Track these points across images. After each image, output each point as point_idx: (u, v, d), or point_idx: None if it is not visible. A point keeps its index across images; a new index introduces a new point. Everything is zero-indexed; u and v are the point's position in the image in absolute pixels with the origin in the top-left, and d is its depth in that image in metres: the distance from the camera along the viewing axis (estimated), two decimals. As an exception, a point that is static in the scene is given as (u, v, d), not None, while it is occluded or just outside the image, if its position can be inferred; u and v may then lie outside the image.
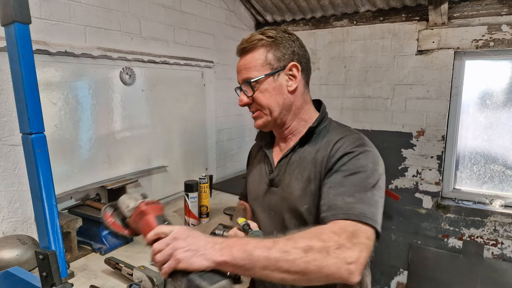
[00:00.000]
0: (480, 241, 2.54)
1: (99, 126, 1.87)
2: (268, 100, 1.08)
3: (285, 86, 1.08)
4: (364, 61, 2.79)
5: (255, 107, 1.11)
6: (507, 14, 2.26)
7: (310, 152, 1.07)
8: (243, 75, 1.08)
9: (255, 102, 1.10)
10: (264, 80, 1.06)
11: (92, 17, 1.78)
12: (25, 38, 0.73)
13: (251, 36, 1.08)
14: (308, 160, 1.05)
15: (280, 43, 1.07)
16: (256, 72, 1.06)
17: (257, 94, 1.08)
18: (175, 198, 2.39)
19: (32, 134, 0.75)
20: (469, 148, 2.65)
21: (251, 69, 1.06)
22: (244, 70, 1.08)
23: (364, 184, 0.91)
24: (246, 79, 1.07)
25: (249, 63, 1.07)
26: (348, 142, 1.00)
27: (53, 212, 0.78)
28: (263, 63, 1.06)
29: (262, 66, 1.06)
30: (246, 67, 1.07)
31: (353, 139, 1.00)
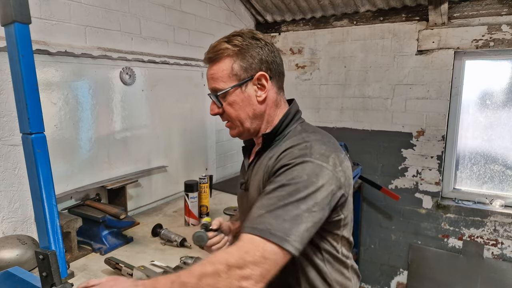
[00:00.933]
0: (480, 241, 2.54)
1: (99, 126, 1.87)
2: (237, 112, 1.04)
3: (254, 97, 1.03)
4: (364, 61, 2.79)
5: (226, 118, 1.08)
6: (507, 14, 2.26)
7: (265, 158, 1.05)
8: (211, 85, 1.05)
9: (226, 114, 1.06)
10: (232, 92, 1.02)
11: (92, 17, 1.78)
12: (25, 38, 0.73)
13: (217, 45, 1.04)
14: (262, 166, 1.03)
15: (246, 52, 1.01)
16: (222, 83, 1.02)
17: (226, 106, 1.04)
18: (175, 198, 2.39)
19: (32, 134, 0.75)
20: (469, 148, 2.65)
21: (218, 80, 1.02)
22: (211, 80, 1.04)
23: (289, 197, 0.85)
24: (213, 89, 1.04)
25: (215, 73, 1.03)
26: (292, 152, 0.93)
27: (53, 212, 0.78)
28: (229, 74, 1.01)
29: (228, 77, 1.02)
30: (213, 77, 1.03)
31: (299, 148, 0.93)
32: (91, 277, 1.40)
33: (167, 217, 2.06)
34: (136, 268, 1.31)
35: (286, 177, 0.88)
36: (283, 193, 0.86)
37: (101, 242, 1.62)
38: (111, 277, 0.92)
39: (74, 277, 1.39)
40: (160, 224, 1.80)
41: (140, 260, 1.52)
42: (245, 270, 0.78)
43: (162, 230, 1.76)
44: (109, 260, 1.42)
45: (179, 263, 1.47)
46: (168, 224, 1.90)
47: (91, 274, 1.42)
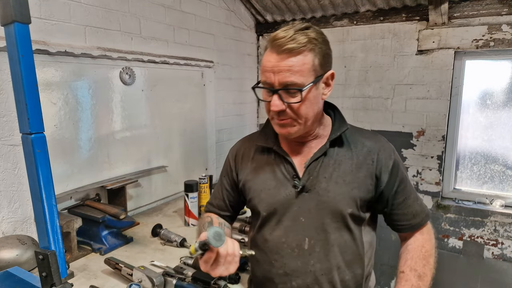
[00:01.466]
0: (480, 241, 2.54)
1: (99, 126, 1.87)
2: (307, 110, 0.99)
3: (320, 94, 1.02)
4: (364, 61, 2.79)
5: (288, 115, 0.99)
6: (507, 14, 2.26)
7: (345, 156, 1.07)
8: (286, 78, 0.94)
9: (292, 110, 0.98)
10: (310, 89, 0.97)
11: (92, 17, 1.78)
12: (25, 38, 0.73)
13: (295, 36, 0.94)
14: (348, 164, 1.06)
15: (324, 48, 0.99)
16: (302, 78, 0.95)
17: (301, 104, 0.98)
18: (175, 198, 2.39)
19: (32, 134, 0.75)
20: (469, 148, 2.65)
21: (296, 73, 0.94)
22: (288, 72, 0.94)
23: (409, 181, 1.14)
24: (290, 84, 0.95)
25: (294, 66, 0.94)
26: (385, 149, 1.10)
27: (53, 212, 0.78)
28: (310, 68, 0.96)
29: (308, 72, 0.96)
30: (292, 70, 0.94)
31: (386, 145, 1.12)
32: (91, 277, 1.40)
33: (167, 217, 2.06)
34: (136, 268, 1.31)
35: (402, 172, 1.11)
36: (409, 183, 1.13)
37: (101, 242, 1.62)
38: None
39: (74, 277, 1.39)
40: (160, 224, 1.80)
41: (140, 260, 1.52)
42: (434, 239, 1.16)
43: (162, 230, 1.75)
44: (109, 260, 1.42)
45: (179, 263, 1.47)
46: (168, 224, 1.90)
47: (91, 274, 1.42)
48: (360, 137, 1.11)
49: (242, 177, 1.17)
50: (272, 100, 0.97)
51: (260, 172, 1.12)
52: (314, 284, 1.07)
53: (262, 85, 1.00)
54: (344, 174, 1.05)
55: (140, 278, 1.28)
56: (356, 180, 1.05)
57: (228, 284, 1.32)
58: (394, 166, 1.08)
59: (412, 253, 1.12)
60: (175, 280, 1.28)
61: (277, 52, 0.95)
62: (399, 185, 1.09)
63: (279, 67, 0.95)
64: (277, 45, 0.95)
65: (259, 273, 1.17)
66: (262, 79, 1.00)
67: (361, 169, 1.06)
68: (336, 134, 1.07)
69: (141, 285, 1.25)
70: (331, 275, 1.06)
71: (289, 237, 1.07)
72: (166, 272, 1.34)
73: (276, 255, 1.09)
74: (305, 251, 1.06)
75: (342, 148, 1.08)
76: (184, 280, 1.31)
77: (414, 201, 1.12)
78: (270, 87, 0.98)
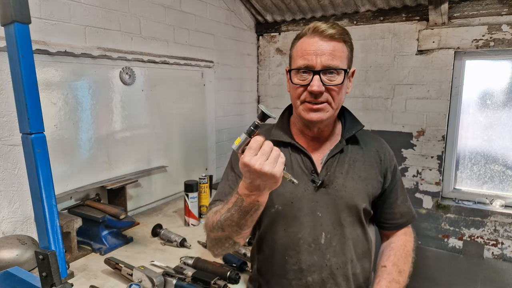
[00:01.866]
0: (480, 241, 2.54)
1: (99, 126, 1.87)
2: (340, 96, 1.05)
3: (346, 87, 1.08)
4: (364, 61, 2.79)
5: (325, 98, 1.03)
6: (507, 14, 2.26)
7: (358, 154, 1.14)
8: (329, 61, 1.00)
9: (329, 94, 1.03)
10: (345, 75, 1.04)
11: (92, 17, 1.78)
12: (25, 38, 0.73)
13: (334, 25, 1.03)
14: (361, 162, 1.13)
15: (352, 45, 1.09)
16: (341, 64, 1.02)
17: (340, 87, 1.03)
18: (175, 198, 2.39)
19: (32, 134, 0.75)
20: (469, 148, 2.65)
21: (338, 59, 1.01)
22: (330, 55, 1.00)
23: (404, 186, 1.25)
24: (333, 66, 1.00)
25: (336, 51, 1.01)
26: (389, 150, 1.21)
27: (53, 212, 0.78)
28: (346, 57, 1.04)
29: (345, 60, 1.04)
30: (334, 54, 1.00)
31: (388, 147, 1.23)
32: (91, 277, 1.40)
33: (167, 217, 2.06)
34: (136, 268, 1.31)
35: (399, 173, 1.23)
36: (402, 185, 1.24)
37: (101, 242, 1.62)
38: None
39: (74, 277, 1.39)
40: (160, 224, 1.80)
41: (140, 260, 1.52)
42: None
43: (162, 230, 1.75)
44: (109, 260, 1.42)
45: (179, 263, 1.47)
46: (168, 224, 1.90)
47: (91, 274, 1.42)
48: (367, 137, 1.20)
49: None
50: (313, 80, 1.00)
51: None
52: (329, 279, 1.09)
53: (300, 68, 1.03)
54: (359, 170, 1.12)
55: (140, 278, 1.28)
56: (370, 177, 1.12)
57: (228, 284, 1.32)
58: (396, 167, 1.19)
59: (395, 251, 1.18)
60: (175, 280, 1.28)
61: (320, 37, 1.01)
62: (395, 185, 1.19)
63: (322, 50, 1.00)
64: (320, 31, 1.01)
65: (268, 270, 1.15)
66: (301, 62, 1.02)
67: (372, 167, 1.14)
68: (351, 132, 1.13)
69: (141, 285, 1.25)
70: (346, 268, 1.10)
71: (306, 232, 1.09)
72: (166, 272, 1.34)
73: (291, 251, 1.09)
74: (322, 246, 1.08)
75: (356, 146, 1.15)
76: (184, 280, 1.31)
77: (404, 202, 1.21)
78: (311, 68, 1.01)
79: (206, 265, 1.41)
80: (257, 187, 0.86)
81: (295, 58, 1.05)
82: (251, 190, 0.87)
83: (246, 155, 0.83)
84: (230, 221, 0.95)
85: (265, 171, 0.81)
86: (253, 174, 0.83)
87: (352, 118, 1.19)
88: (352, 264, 1.11)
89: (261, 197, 0.89)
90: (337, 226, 1.09)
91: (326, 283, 1.09)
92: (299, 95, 1.05)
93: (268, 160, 0.82)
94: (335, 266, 1.09)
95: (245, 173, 0.85)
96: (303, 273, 1.09)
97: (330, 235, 1.08)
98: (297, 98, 1.06)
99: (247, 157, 0.82)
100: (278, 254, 1.11)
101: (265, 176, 0.82)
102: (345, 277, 1.09)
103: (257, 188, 0.86)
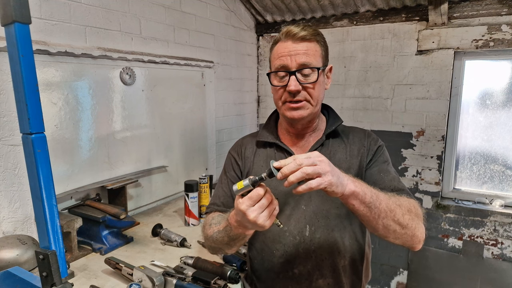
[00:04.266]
0: (480, 241, 2.54)
1: (99, 126, 1.87)
2: (318, 92, 1.10)
3: (323, 84, 1.14)
4: (364, 61, 2.79)
5: (303, 96, 1.08)
6: (507, 14, 2.26)
7: (339, 147, 1.17)
8: (303, 60, 1.05)
9: (306, 92, 1.08)
10: (321, 72, 1.09)
11: (92, 17, 1.78)
12: (25, 38, 0.73)
13: (305, 27, 1.08)
14: (342, 153, 1.16)
15: (325, 43, 1.13)
16: (315, 62, 1.07)
17: (315, 84, 1.08)
18: (175, 198, 2.39)
19: (32, 134, 0.75)
20: (469, 148, 2.65)
21: (312, 57, 1.07)
22: (304, 55, 1.06)
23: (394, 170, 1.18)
24: (307, 63, 1.06)
25: (309, 50, 1.07)
26: (373, 137, 1.20)
27: (53, 212, 0.78)
28: (320, 55, 1.09)
29: (319, 58, 1.09)
30: (307, 53, 1.06)
31: (373, 135, 1.21)
32: (91, 277, 1.40)
33: (167, 217, 2.06)
34: (136, 268, 1.31)
35: (386, 155, 1.18)
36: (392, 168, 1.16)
37: (101, 242, 1.62)
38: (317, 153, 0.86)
39: (74, 277, 1.39)
40: (160, 224, 1.80)
41: (140, 260, 1.52)
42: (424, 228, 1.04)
43: (162, 230, 1.76)
44: (109, 260, 1.42)
45: (179, 263, 1.47)
46: (168, 224, 1.90)
47: (91, 274, 1.42)
48: (350, 131, 1.23)
49: (246, 170, 1.24)
50: (290, 80, 1.06)
51: (263, 165, 1.21)
52: (315, 270, 1.12)
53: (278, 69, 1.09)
54: (339, 162, 1.14)
55: (141, 278, 1.28)
56: (352, 166, 1.14)
57: (228, 284, 1.32)
58: (378, 149, 1.17)
59: (397, 196, 1.04)
60: (175, 280, 1.29)
61: (292, 39, 1.07)
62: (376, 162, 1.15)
63: (296, 50, 1.06)
64: (292, 34, 1.07)
65: (259, 265, 1.20)
66: (277, 64, 1.09)
67: (354, 156, 1.16)
68: (332, 127, 1.18)
69: (141, 285, 1.25)
70: (332, 260, 1.12)
71: (291, 225, 1.13)
72: (166, 272, 1.34)
73: (278, 244, 1.14)
74: (306, 238, 1.12)
75: (336, 139, 1.19)
76: (184, 280, 1.31)
77: (394, 179, 1.12)
78: (287, 69, 1.07)
79: (206, 265, 1.41)
80: (245, 226, 0.91)
81: (272, 61, 1.13)
82: (239, 225, 0.92)
83: (244, 203, 0.85)
84: (221, 241, 1.06)
85: (258, 223, 0.85)
86: (245, 220, 0.87)
87: (334, 115, 1.24)
88: (339, 256, 1.12)
89: (248, 232, 0.95)
90: (321, 218, 1.12)
91: (312, 275, 1.12)
92: (280, 96, 1.11)
93: (263, 213, 0.85)
94: (320, 258, 1.11)
95: (238, 215, 0.89)
96: (289, 265, 1.13)
97: (314, 227, 1.12)
98: (278, 99, 1.13)
99: (244, 205, 0.85)
100: (267, 247, 1.17)
101: (256, 225, 0.86)
102: (332, 269, 1.12)
103: (245, 226, 0.91)
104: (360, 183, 0.91)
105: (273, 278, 1.17)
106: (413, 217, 0.99)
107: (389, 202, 0.94)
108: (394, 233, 0.96)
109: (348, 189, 0.87)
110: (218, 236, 1.07)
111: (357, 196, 0.89)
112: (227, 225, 1.01)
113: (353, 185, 0.88)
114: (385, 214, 0.93)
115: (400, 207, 0.96)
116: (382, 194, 0.95)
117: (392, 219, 0.94)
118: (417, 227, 0.99)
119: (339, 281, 1.13)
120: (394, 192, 1.05)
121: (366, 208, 0.91)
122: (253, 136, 1.30)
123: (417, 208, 1.04)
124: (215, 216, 1.17)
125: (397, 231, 0.96)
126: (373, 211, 0.91)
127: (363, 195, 0.89)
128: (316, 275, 1.12)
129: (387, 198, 0.95)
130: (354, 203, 0.90)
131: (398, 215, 0.95)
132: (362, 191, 0.89)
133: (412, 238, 0.99)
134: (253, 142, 1.27)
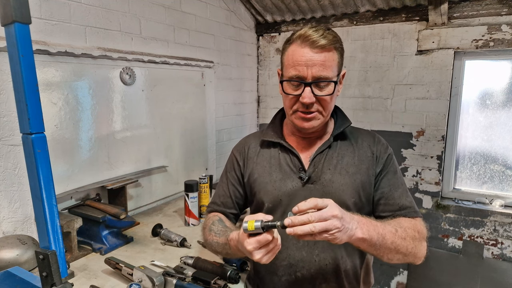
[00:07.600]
0: (480, 241, 2.54)
1: (99, 126, 1.88)
2: (331, 104, 1.08)
3: (337, 92, 1.10)
4: (364, 61, 2.79)
5: (316, 108, 1.06)
6: (507, 14, 2.26)
7: (348, 150, 1.14)
8: (320, 72, 1.01)
9: (320, 104, 1.05)
10: (336, 84, 1.06)
11: (92, 17, 1.78)
12: (25, 38, 0.73)
13: (325, 34, 1.01)
14: (350, 157, 1.13)
15: (342, 49, 1.09)
16: (332, 73, 1.03)
17: (325, 96, 1.04)
18: (175, 198, 2.40)
19: (32, 134, 0.75)
20: (469, 148, 2.65)
21: (329, 69, 1.02)
22: (321, 66, 1.01)
23: (403, 179, 1.15)
24: (324, 77, 1.02)
25: (327, 61, 1.02)
26: (382, 143, 1.16)
27: (53, 212, 0.78)
28: (336, 65, 1.06)
29: (335, 68, 1.05)
30: (324, 64, 1.01)
31: (383, 140, 1.18)
32: (91, 277, 1.40)
33: (167, 217, 2.06)
34: (136, 268, 1.31)
35: (395, 165, 1.15)
36: (401, 178, 1.14)
37: (101, 242, 1.62)
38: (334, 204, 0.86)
39: (74, 277, 1.39)
40: (160, 224, 1.80)
41: (140, 260, 1.52)
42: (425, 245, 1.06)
43: (162, 230, 1.76)
44: (109, 260, 1.42)
45: (179, 263, 1.47)
46: (168, 224, 1.90)
47: (91, 274, 1.42)
48: (359, 134, 1.19)
49: (248, 170, 1.21)
50: (305, 92, 1.02)
51: (266, 166, 1.17)
52: (318, 274, 1.10)
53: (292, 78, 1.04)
54: (347, 165, 1.11)
55: (141, 277, 1.28)
56: (359, 172, 1.11)
57: (228, 284, 1.32)
58: (388, 158, 1.14)
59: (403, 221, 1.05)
60: (175, 280, 1.29)
61: (310, 47, 1.01)
62: (386, 174, 1.13)
63: (313, 61, 1.01)
64: (310, 41, 1.00)
65: (262, 268, 1.19)
66: (292, 72, 1.04)
67: (363, 162, 1.13)
68: (340, 129, 1.14)
69: (141, 285, 1.25)
70: (335, 264, 1.10)
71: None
72: (166, 272, 1.34)
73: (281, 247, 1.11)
74: (310, 242, 1.10)
75: (345, 142, 1.15)
76: (184, 280, 1.31)
77: (402, 195, 1.11)
78: (302, 80, 1.02)
79: (206, 265, 1.41)
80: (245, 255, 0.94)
81: (287, 67, 1.07)
82: (239, 251, 0.97)
83: (251, 244, 0.87)
84: (220, 251, 1.11)
85: (261, 262, 0.89)
86: (247, 253, 0.90)
87: (343, 116, 1.20)
88: (342, 260, 1.11)
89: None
90: None
91: (316, 279, 1.11)
92: (291, 105, 1.08)
93: (267, 255, 0.88)
94: (324, 262, 1.10)
95: (242, 249, 0.91)
96: (292, 268, 1.12)
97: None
98: (289, 107, 1.09)
99: (251, 246, 0.87)
100: None
101: (258, 260, 0.89)
102: (335, 273, 1.11)
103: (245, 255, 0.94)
104: (367, 225, 0.92)
105: (276, 281, 1.15)
106: (416, 244, 1.02)
107: (395, 238, 0.96)
108: (397, 260, 1.01)
109: (355, 237, 0.89)
110: (217, 247, 1.10)
111: (364, 241, 0.91)
112: (226, 243, 1.03)
113: (360, 232, 0.89)
114: (389, 250, 0.96)
115: (405, 240, 0.98)
116: (388, 229, 0.96)
117: (396, 251, 0.97)
118: (419, 249, 1.03)
119: (342, 286, 1.12)
120: (401, 211, 1.08)
121: (372, 248, 0.94)
122: (258, 135, 1.27)
123: (422, 229, 1.06)
124: (215, 221, 1.17)
125: (400, 258, 1.01)
126: (378, 249, 0.95)
127: (370, 239, 0.91)
128: (319, 280, 1.11)
129: (392, 233, 0.96)
130: (360, 246, 0.93)
131: (402, 249, 0.98)
132: (369, 236, 0.91)
133: (414, 259, 1.04)
134: (257, 142, 1.24)
